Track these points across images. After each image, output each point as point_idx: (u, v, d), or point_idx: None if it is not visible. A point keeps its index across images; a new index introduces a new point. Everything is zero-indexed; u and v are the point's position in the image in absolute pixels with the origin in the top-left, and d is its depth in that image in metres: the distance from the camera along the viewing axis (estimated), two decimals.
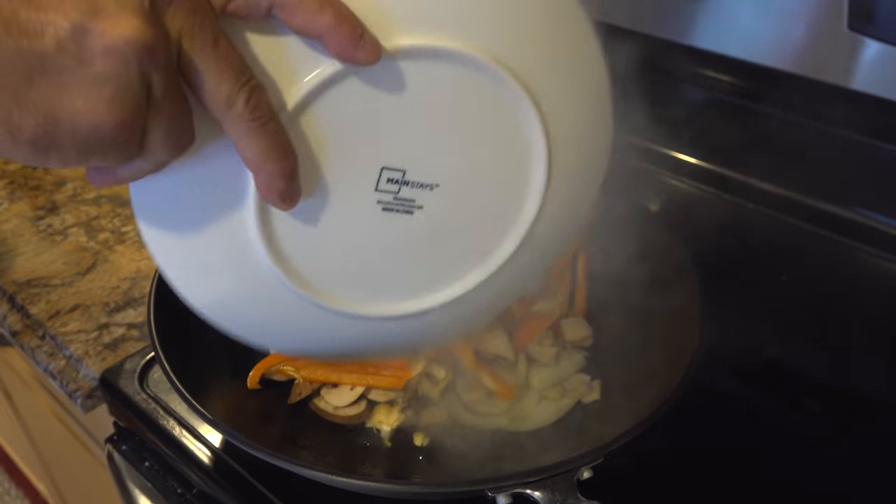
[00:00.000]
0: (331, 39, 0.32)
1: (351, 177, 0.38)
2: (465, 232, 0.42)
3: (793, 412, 0.59)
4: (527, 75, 0.38)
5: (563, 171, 0.42)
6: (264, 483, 0.52)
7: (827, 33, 0.69)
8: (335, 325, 0.43)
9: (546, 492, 0.37)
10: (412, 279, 0.43)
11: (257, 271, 0.39)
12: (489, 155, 0.40)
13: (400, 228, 0.40)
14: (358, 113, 0.36)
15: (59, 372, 0.63)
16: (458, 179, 0.40)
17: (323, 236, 0.39)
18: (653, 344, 0.55)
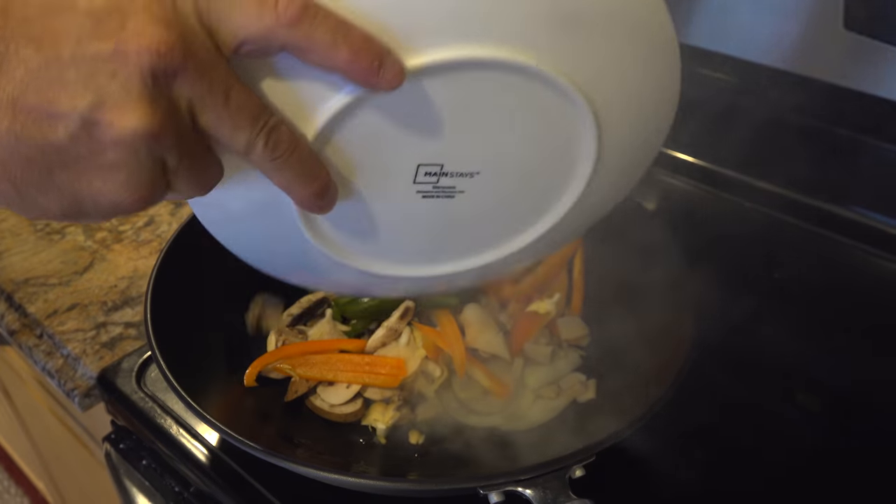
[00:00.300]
0: (349, 74, 0.32)
1: (388, 177, 0.39)
2: (503, 212, 0.43)
3: (789, 410, 0.59)
4: (573, 75, 0.36)
5: (611, 164, 0.42)
6: (261, 481, 0.52)
7: (823, 32, 0.69)
8: (365, 280, 0.45)
9: (538, 490, 0.38)
10: (449, 248, 0.44)
11: (304, 246, 0.41)
12: (531, 149, 0.40)
13: (440, 210, 0.41)
14: (387, 127, 0.36)
15: (56, 371, 0.63)
16: (498, 168, 0.40)
17: (365, 222, 0.41)
18: (648, 343, 0.55)
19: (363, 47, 0.31)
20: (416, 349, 0.58)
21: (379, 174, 0.38)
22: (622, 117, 0.41)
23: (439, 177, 0.39)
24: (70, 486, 1.15)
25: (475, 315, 0.59)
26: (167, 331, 0.52)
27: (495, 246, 0.45)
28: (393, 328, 0.58)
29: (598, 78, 0.37)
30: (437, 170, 0.39)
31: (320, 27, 0.30)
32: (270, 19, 0.30)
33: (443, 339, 0.57)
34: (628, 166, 0.45)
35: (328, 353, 0.58)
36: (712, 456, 0.54)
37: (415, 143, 0.37)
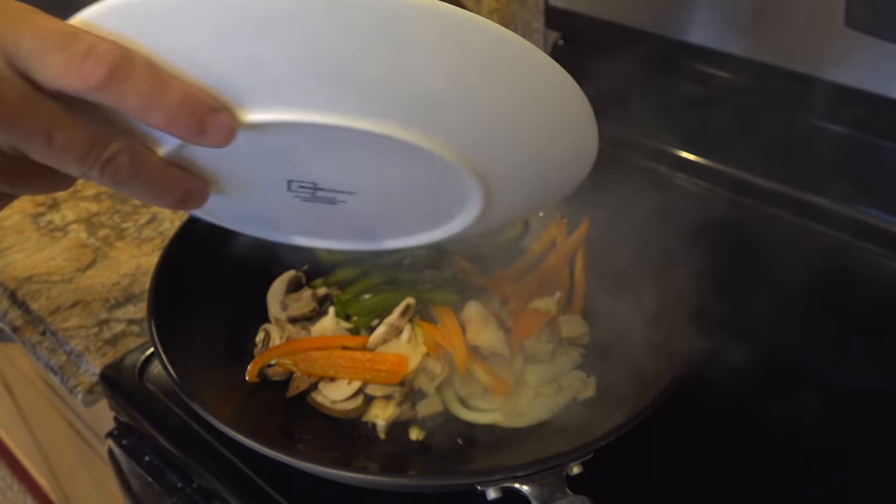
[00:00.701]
0: (168, 132, 0.31)
1: (260, 184, 0.39)
2: (389, 220, 0.44)
3: (789, 408, 0.59)
4: (444, 146, 0.35)
5: (505, 202, 0.42)
6: (263, 477, 0.53)
7: (824, 30, 0.69)
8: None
9: (535, 486, 0.38)
10: (339, 233, 0.47)
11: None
12: (412, 187, 0.40)
13: (322, 209, 0.41)
14: (239, 157, 0.35)
15: (59, 367, 0.64)
16: (378, 193, 0.40)
17: (248, 210, 0.43)
18: (649, 341, 0.55)
19: (179, 112, 0.30)
20: (417, 346, 0.58)
21: (250, 183, 0.39)
22: (513, 178, 0.41)
23: (315, 190, 0.39)
24: (73, 483, 1.16)
25: (476, 312, 0.59)
26: (169, 327, 0.52)
27: (385, 240, 0.47)
28: (394, 325, 0.58)
29: (478, 147, 0.37)
30: (311, 186, 0.39)
31: (131, 91, 0.29)
32: (77, 82, 0.28)
33: (444, 337, 0.57)
34: (530, 200, 0.46)
35: (330, 349, 0.58)
36: (711, 454, 0.55)
37: (278, 168, 0.37)
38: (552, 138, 0.40)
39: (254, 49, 0.30)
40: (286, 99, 0.32)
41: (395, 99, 0.33)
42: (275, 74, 0.31)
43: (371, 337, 0.59)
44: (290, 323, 0.61)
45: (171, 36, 0.30)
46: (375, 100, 0.33)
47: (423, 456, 0.53)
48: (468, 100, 0.34)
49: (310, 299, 0.62)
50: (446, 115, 0.34)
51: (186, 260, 0.58)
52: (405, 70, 0.32)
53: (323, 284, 0.65)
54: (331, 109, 0.33)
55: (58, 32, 0.28)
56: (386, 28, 0.30)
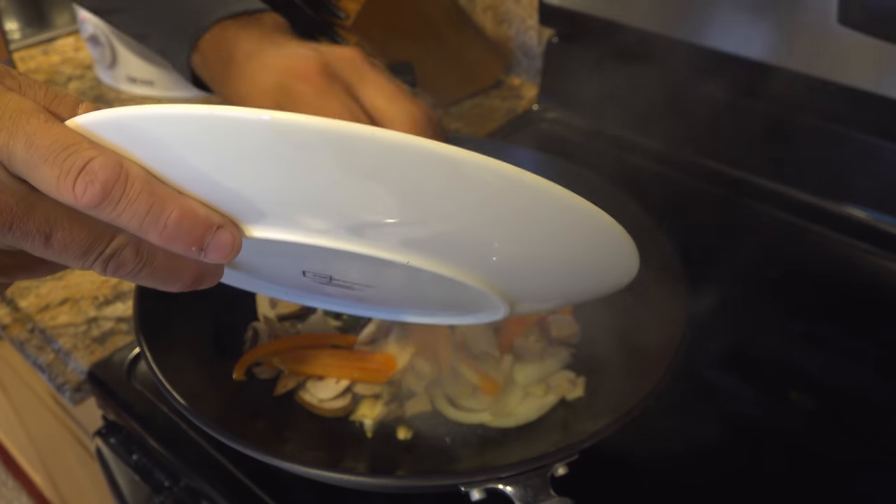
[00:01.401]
0: (170, 249, 0.30)
1: (276, 267, 0.39)
2: (405, 305, 0.44)
3: (782, 409, 0.59)
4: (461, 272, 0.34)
5: (529, 307, 0.42)
6: (250, 475, 0.53)
7: (817, 28, 0.69)
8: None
9: (518, 487, 0.37)
10: (360, 307, 0.47)
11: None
12: (431, 292, 0.39)
13: (340, 290, 0.41)
14: (252, 255, 0.35)
15: (47, 365, 0.63)
16: (397, 291, 0.40)
17: (261, 280, 0.43)
18: (639, 341, 0.55)
19: (177, 231, 0.29)
20: (405, 345, 0.58)
21: (263, 267, 0.38)
22: (542, 298, 0.40)
23: (330, 280, 0.38)
24: (66, 480, 1.15)
25: None
26: (156, 325, 0.52)
27: (403, 315, 0.46)
28: (383, 324, 0.58)
29: (510, 282, 0.36)
30: (326, 277, 0.38)
31: (126, 210, 0.28)
32: (69, 199, 0.28)
33: (431, 336, 0.57)
34: (559, 304, 0.46)
35: (319, 347, 0.58)
36: (699, 455, 0.54)
37: (291, 261, 0.36)
38: (590, 275, 0.40)
39: (262, 171, 0.29)
40: (296, 222, 0.31)
41: (420, 236, 0.32)
42: (287, 197, 0.30)
43: (360, 336, 0.58)
44: (279, 321, 0.61)
45: (173, 148, 0.28)
46: (396, 235, 0.32)
47: (411, 455, 0.53)
48: (504, 244, 0.33)
49: None
50: (477, 255, 0.33)
51: None
52: (435, 211, 0.31)
53: None
54: (349, 239, 0.32)
55: (50, 144, 0.27)
56: (409, 172, 0.29)
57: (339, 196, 0.29)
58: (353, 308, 0.47)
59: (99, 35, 0.99)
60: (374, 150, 0.27)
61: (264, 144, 0.28)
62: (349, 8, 0.84)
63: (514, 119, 0.97)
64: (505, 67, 1.07)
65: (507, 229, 0.32)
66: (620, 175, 0.85)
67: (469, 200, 0.30)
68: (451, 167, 0.28)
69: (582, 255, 0.36)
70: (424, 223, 0.31)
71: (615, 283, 0.42)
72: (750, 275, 0.71)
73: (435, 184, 0.29)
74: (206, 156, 0.28)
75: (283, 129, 0.27)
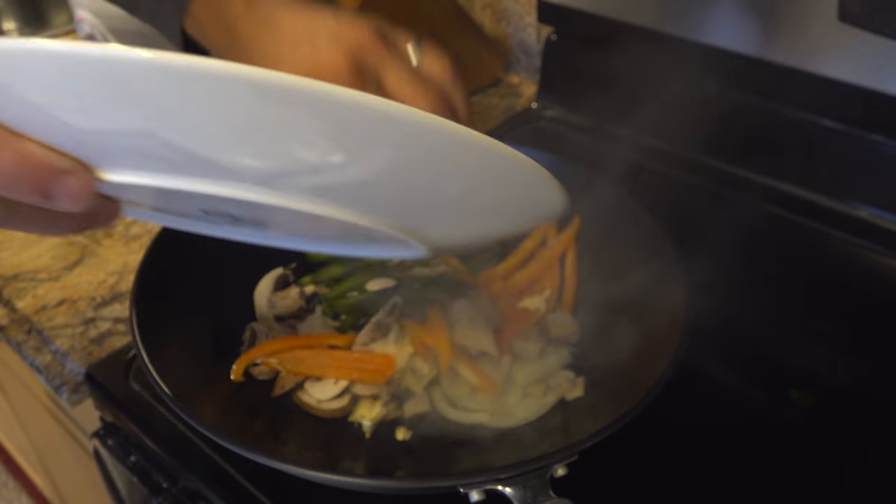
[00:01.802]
0: (14, 197, 0.29)
1: (176, 207, 0.37)
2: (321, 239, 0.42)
3: (782, 407, 0.59)
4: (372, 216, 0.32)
5: (450, 245, 0.40)
6: (248, 477, 0.52)
7: (817, 24, 0.69)
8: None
9: (518, 488, 0.37)
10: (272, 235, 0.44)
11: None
12: (340, 229, 0.36)
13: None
14: (135, 192, 0.32)
15: (45, 366, 0.63)
16: (305, 229, 0.38)
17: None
18: (638, 341, 0.54)
19: (14, 179, 0.28)
20: (404, 345, 0.57)
21: (166, 205, 0.36)
22: (462, 238, 0.38)
23: (234, 218, 0.36)
24: (66, 481, 1.15)
25: (464, 311, 0.59)
26: (153, 326, 0.51)
27: (323, 247, 0.44)
28: (381, 324, 0.58)
29: (418, 221, 0.34)
30: (229, 216, 0.36)
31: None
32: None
33: (430, 336, 0.57)
34: (484, 240, 0.44)
35: (317, 348, 0.58)
36: (700, 455, 0.54)
37: (186, 201, 0.33)
38: (507, 210, 0.38)
39: (122, 113, 0.26)
40: (152, 164, 0.29)
41: (283, 177, 0.29)
42: (146, 144, 0.28)
43: (358, 336, 0.58)
44: (277, 321, 0.61)
45: (14, 88, 0.26)
46: (279, 176, 0.29)
47: (410, 456, 0.53)
48: (404, 185, 0.31)
49: (297, 297, 0.61)
50: (375, 198, 0.31)
51: (172, 258, 0.58)
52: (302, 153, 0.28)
53: (310, 282, 0.65)
54: (217, 182, 0.29)
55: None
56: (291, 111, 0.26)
57: (211, 138, 0.27)
58: (270, 240, 0.45)
59: (96, 34, 0.99)
60: (260, 93, 0.25)
61: (138, 86, 0.25)
62: (348, 5, 0.83)
63: (512, 117, 0.96)
64: (504, 65, 1.06)
65: (406, 170, 0.30)
66: (620, 173, 0.85)
67: (361, 144, 0.28)
68: (337, 110, 0.26)
69: (492, 192, 0.34)
70: (290, 167, 0.29)
71: (540, 216, 0.40)
72: (751, 273, 0.70)
73: (313, 126, 0.27)
74: (57, 98, 0.26)
75: (168, 70, 0.24)
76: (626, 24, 0.81)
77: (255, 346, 0.58)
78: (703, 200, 0.80)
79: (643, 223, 0.60)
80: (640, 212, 0.61)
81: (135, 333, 0.50)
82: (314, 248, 0.46)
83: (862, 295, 0.69)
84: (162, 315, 0.54)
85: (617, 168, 0.85)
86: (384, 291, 0.61)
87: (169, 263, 0.57)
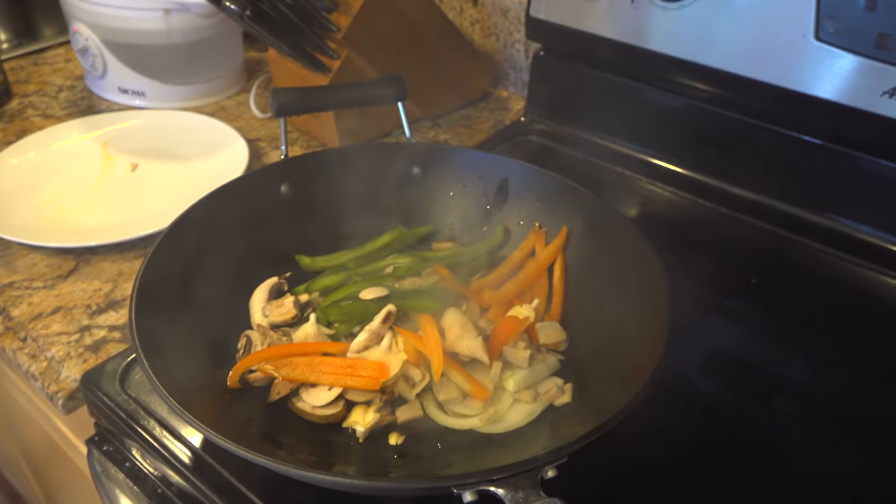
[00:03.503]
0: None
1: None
2: None
3: (766, 414, 0.60)
4: None
5: None
6: (243, 482, 0.53)
7: (796, 44, 0.71)
8: None
9: (509, 489, 0.39)
10: None
11: None
12: None
13: None
14: None
15: (40, 374, 0.64)
16: None
17: None
18: (626, 348, 0.56)
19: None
20: (397, 353, 0.59)
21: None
22: None
23: None
24: (58, 489, 1.15)
25: (455, 319, 0.60)
26: (151, 333, 0.52)
27: None
28: (375, 332, 0.59)
29: None
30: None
31: None
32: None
33: (423, 344, 0.58)
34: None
35: (311, 355, 0.59)
36: (684, 457, 0.56)
37: None
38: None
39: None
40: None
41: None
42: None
43: (352, 343, 0.59)
44: (271, 329, 0.62)
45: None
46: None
47: (403, 460, 0.54)
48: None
49: (291, 306, 0.63)
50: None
51: (169, 266, 0.59)
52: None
53: (305, 291, 0.66)
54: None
55: None
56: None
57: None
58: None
59: (90, 46, 1.00)
60: None
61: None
62: (340, 21, 0.85)
63: (501, 130, 0.98)
64: (492, 80, 1.08)
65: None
66: (606, 185, 0.87)
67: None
68: None
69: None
70: None
71: None
72: (733, 283, 0.72)
73: None
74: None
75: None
76: (611, 41, 0.84)
77: (251, 353, 0.60)
78: (689, 213, 0.82)
79: (629, 234, 0.61)
80: (626, 223, 0.62)
81: (135, 340, 0.51)
82: None
83: (847, 306, 0.70)
84: (159, 322, 0.55)
85: (603, 180, 0.88)
86: (377, 300, 0.62)
87: (166, 272, 0.58)
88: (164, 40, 0.98)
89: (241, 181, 0.69)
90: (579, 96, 0.94)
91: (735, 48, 0.75)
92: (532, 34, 0.93)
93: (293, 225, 0.70)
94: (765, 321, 0.69)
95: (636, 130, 0.90)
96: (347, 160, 0.71)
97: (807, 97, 0.72)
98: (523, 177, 0.71)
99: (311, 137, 0.97)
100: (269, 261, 0.68)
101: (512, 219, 0.72)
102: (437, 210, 0.74)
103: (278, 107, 0.71)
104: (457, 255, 0.70)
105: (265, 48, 1.14)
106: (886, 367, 0.64)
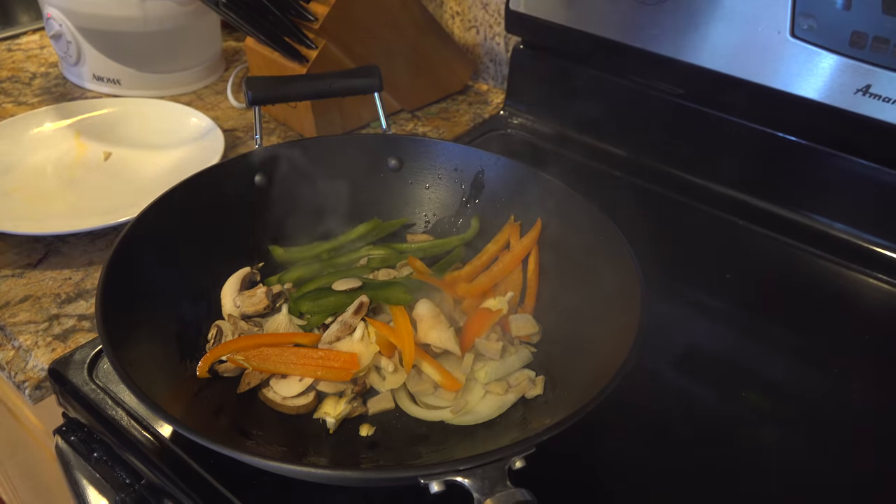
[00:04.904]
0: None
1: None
2: None
3: (737, 410, 0.61)
4: None
5: None
6: (212, 472, 0.53)
7: (772, 40, 0.71)
8: None
9: (476, 479, 0.38)
10: None
11: None
12: None
13: None
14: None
15: (7, 363, 0.63)
16: None
17: None
18: (598, 341, 0.56)
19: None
20: (369, 344, 0.58)
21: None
22: None
23: None
24: (26, 481, 1.14)
25: (427, 311, 0.60)
26: (119, 323, 0.52)
27: None
28: (347, 323, 0.59)
29: None
30: None
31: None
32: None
33: (394, 335, 0.58)
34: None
35: (282, 346, 0.58)
36: (651, 449, 0.56)
37: None
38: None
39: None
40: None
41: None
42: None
43: (324, 334, 0.59)
44: (243, 319, 0.61)
45: None
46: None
47: (373, 452, 0.54)
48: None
49: (263, 296, 0.62)
50: None
51: (138, 255, 0.58)
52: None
53: (277, 282, 0.66)
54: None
55: None
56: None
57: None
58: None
59: (64, 32, 0.98)
60: None
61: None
62: (318, 10, 0.84)
63: (480, 123, 0.98)
64: (472, 73, 1.08)
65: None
66: (583, 179, 0.87)
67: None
68: None
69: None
70: None
71: None
72: (706, 276, 0.73)
73: None
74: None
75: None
76: (590, 36, 0.84)
77: (221, 343, 0.59)
78: (664, 208, 0.83)
79: (604, 229, 0.61)
80: (601, 217, 0.62)
81: (102, 329, 0.50)
82: None
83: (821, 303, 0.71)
84: (128, 312, 0.54)
85: (580, 174, 0.88)
86: (350, 291, 0.62)
87: (135, 261, 0.58)
88: (140, 28, 0.97)
89: (213, 170, 0.68)
90: (558, 90, 0.94)
91: (712, 44, 0.76)
92: (511, 28, 0.92)
93: (267, 215, 0.69)
94: (738, 316, 0.69)
95: (614, 125, 0.90)
96: (323, 150, 0.71)
97: (783, 94, 0.73)
98: (499, 169, 0.71)
99: (288, 128, 0.96)
100: (241, 251, 0.67)
101: (488, 211, 0.72)
102: (413, 202, 0.73)
103: (252, 95, 0.70)
104: (432, 247, 0.70)
105: (243, 37, 1.13)
106: (860, 364, 0.65)
